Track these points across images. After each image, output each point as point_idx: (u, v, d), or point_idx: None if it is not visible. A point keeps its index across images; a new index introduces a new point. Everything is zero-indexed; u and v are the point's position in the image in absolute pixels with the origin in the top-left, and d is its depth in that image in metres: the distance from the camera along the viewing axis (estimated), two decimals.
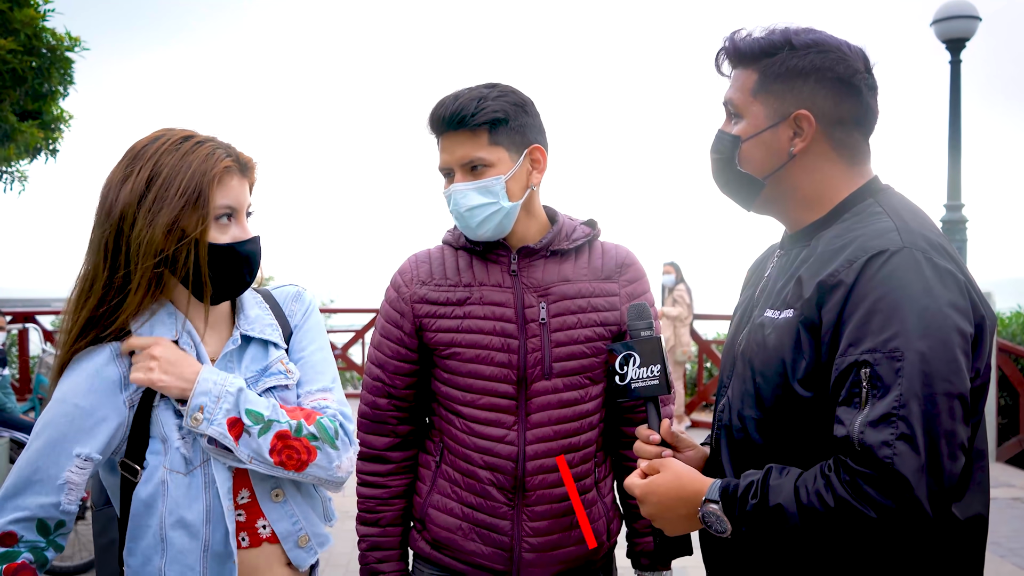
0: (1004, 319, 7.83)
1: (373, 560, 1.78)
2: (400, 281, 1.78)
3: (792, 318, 1.24)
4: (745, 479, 1.23)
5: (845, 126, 1.31)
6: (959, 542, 1.23)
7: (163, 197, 1.36)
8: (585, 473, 1.73)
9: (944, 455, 1.09)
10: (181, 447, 1.38)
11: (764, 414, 1.29)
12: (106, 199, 1.39)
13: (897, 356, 1.11)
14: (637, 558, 1.83)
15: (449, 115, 1.65)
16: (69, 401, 1.36)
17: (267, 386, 1.48)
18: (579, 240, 1.76)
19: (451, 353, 1.70)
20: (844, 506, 1.11)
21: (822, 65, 1.29)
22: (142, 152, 1.40)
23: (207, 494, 1.39)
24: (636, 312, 1.50)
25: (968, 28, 7.73)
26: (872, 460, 1.09)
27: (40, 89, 6.81)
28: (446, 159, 1.69)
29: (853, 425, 1.12)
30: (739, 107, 1.36)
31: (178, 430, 1.39)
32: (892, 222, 1.23)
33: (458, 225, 1.72)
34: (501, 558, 1.69)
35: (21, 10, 6.28)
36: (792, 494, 1.16)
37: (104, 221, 1.38)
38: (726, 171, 1.39)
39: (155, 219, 1.35)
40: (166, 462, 1.38)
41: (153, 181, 1.37)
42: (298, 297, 1.61)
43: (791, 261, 1.34)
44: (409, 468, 1.81)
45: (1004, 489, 5.91)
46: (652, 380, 1.43)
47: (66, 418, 1.35)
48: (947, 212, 7.96)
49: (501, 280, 1.71)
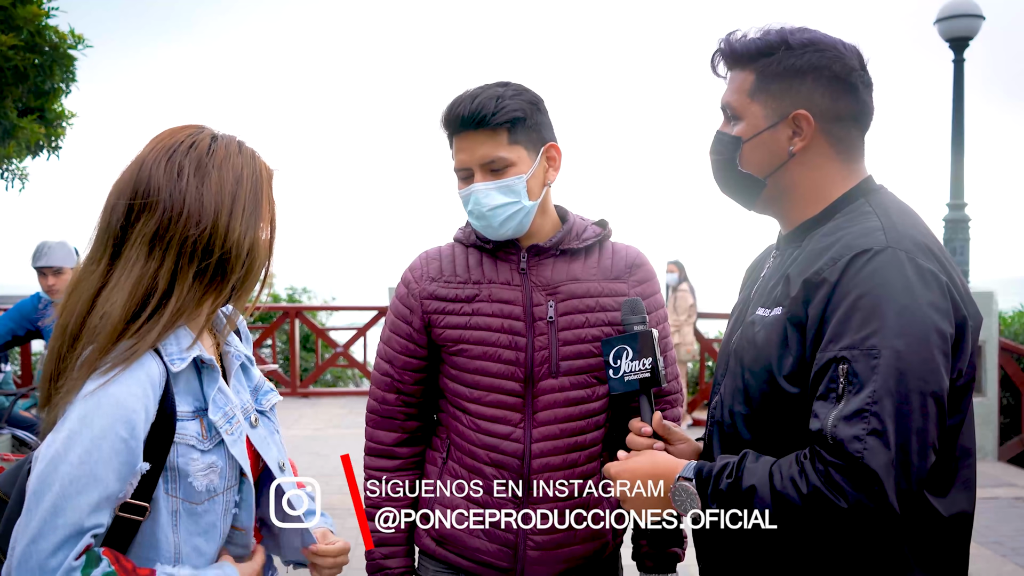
0: (1007, 318, 7.81)
1: (380, 556, 1.79)
2: (410, 277, 1.78)
3: (780, 315, 1.27)
4: (720, 460, 1.26)
5: (843, 123, 1.33)
6: (943, 539, 1.25)
7: (254, 202, 1.31)
8: (591, 472, 1.73)
9: (913, 452, 1.12)
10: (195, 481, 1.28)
11: (752, 410, 1.31)
12: (179, 195, 1.26)
13: (874, 353, 1.14)
14: (642, 560, 1.83)
15: (468, 114, 1.64)
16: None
17: (271, 404, 1.48)
18: (589, 240, 1.77)
19: (459, 350, 1.70)
20: (816, 494, 1.13)
21: (819, 64, 1.31)
22: (212, 150, 1.30)
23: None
24: (629, 307, 1.54)
25: (972, 27, 7.73)
26: (843, 453, 1.12)
27: (42, 86, 6.80)
28: (464, 159, 1.68)
29: (827, 419, 1.14)
30: (737, 109, 1.37)
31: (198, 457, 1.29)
32: (880, 222, 1.25)
33: (476, 225, 1.71)
34: (506, 555, 1.69)
35: (24, 7, 6.27)
36: (766, 478, 1.19)
37: (178, 219, 1.25)
38: (727, 172, 1.41)
39: (253, 224, 1.30)
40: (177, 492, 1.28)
41: (240, 184, 1.30)
42: (243, 324, 1.56)
43: (784, 261, 1.36)
44: (417, 464, 1.81)
45: (1006, 488, 5.91)
46: (644, 373, 1.47)
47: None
48: (950, 211, 7.95)
49: (510, 278, 1.72)
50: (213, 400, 1.31)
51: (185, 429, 1.26)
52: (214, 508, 1.30)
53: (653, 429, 1.46)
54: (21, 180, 7.63)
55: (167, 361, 1.26)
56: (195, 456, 1.27)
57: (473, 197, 1.67)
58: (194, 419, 1.28)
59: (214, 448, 1.30)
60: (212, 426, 1.30)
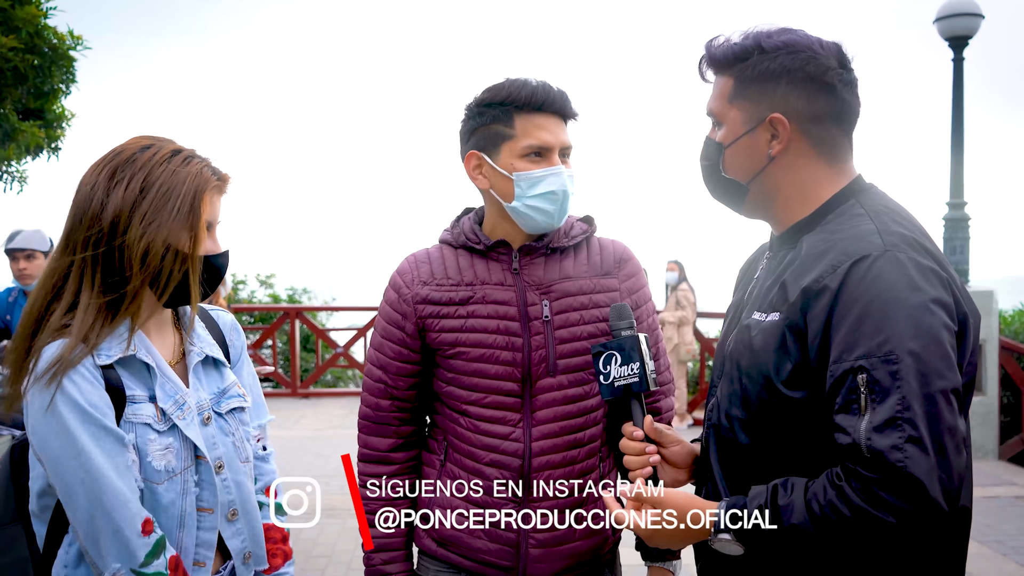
0: (1007, 317, 7.81)
1: (379, 561, 1.78)
2: (400, 282, 1.76)
3: (778, 321, 1.26)
4: (752, 503, 1.22)
5: (821, 123, 1.33)
6: (946, 533, 1.24)
7: (159, 209, 1.39)
8: (590, 468, 1.73)
9: (951, 451, 1.11)
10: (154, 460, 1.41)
11: (749, 414, 1.30)
12: (90, 199, 1.40)
13: (892, 359, 1.12)
14: (647, 549, 1.83)
15: (560, 99, 1.67)
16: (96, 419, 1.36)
17: (230, 407, 1.56)
18: (578, 237, 1.77)
19: (455, 353, 1.70)
20: (861, 514, 1.11)
21: (792, 66, 1.31)
22: (132, 160, 1.41)
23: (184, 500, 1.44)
24: (617, 313, 1.53)
25: (971, 26, 7.71)
26: (884, 465, 1.10)
27: (42, 88, 6.79)
28: (549, 138, 1.66)
29: (858, 432, 1.12)
30: (719, 114, 1.38)
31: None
32: (873, 224, 1.25)
33: (540, 211, 1.67)
34: (508, 554, 1.69)
35: (23, 8, 6.26)
36: (804, 510, 1.16)
37: (93, 223, 1.39)
38: (713, 177, 1.42)
39: (151, 231, 1.38)
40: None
41: (147, 191, 1.39)
42: (236, 327, 1.70)
43: (778, 264, 1.35)
44: (412, 468, 1.80)
45: (1007, 487, 5.90)
46: (633, 378, 1.46)
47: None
48: (950, 210, 7.94)
49: (503, 279, 1.71)
50: (160, 387, 1.45)
51: (141, 410, 1.41)
52: (173, 487, 1.43)
53: (645, 433, 1.45)
54: (20, 182, 7.62)
55: (95, 355, 1.39)
56: (152, 436, 1.41)
57: (561, 179, 1.66)
58: (149, 403, 1.43)
59: (169, 431, 1.43)
60: (164, 411, 1.43)
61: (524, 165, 1.66)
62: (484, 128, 1.68)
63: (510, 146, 1.66)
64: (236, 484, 1.53)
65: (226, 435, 1.54)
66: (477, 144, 1.70)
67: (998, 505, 5.39)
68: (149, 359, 1.45)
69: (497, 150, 1.68)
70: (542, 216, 1.67)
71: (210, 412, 1.52)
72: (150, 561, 1.34)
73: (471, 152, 1.72)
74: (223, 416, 1.55)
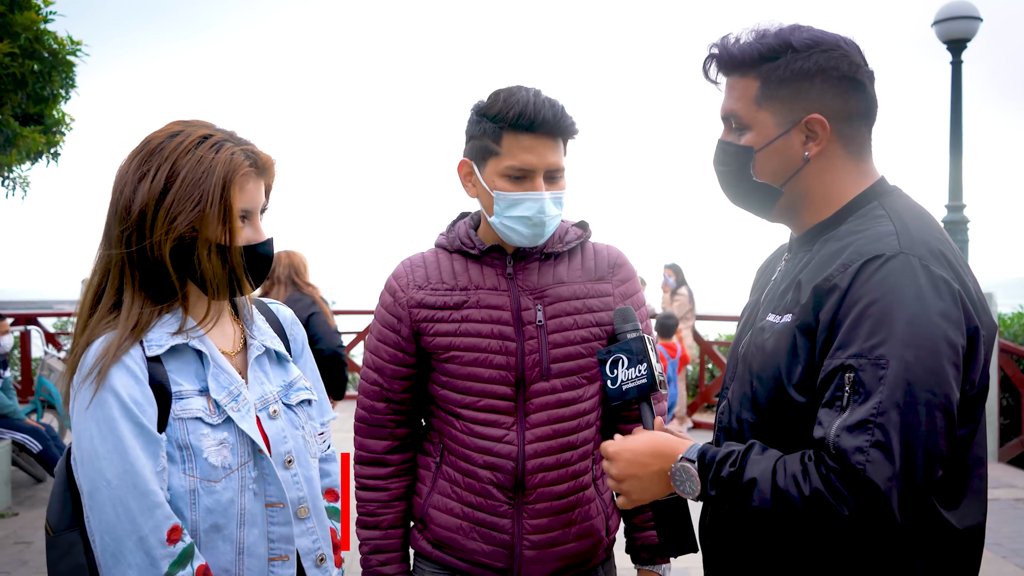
0: (1006, 319, 7.81)
1: (376, 563, 1.79)
2: (396, 286, 1.77)
3: (790, 323, 1.24)
4: (726, 447, 1.24)
5: (853, 122, 1.30)
6: (956, 552, 1.22)
7: (182, 201, 1.32)
8: (583, 470, 1.74)
9: (920, 465, 1.09)
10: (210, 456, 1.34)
11: (759, 418, 1.29)
12: (121, 194, 1.35)
13: (882, 363, 1.11)
14: (637, 552, 1.84)
15: (552, 119, 1.61)
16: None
17: (299, 399, 1.52)
18: (572, 242, 1.77)
19: (449, 356, 1.70)
20: (818, 497, 1.11)
21: (826, 65, 1.26)
22: (159, 149, 1.35)
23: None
24: (621, 316, 1.54)
25: (969, 29, 7.73)
26: (845, 464, 1.10)
27: (41, 93, 6.79)
28: (532, 160, 1.62)
29: (830, 428, 1.12)
30: (744, 117, 1.32)
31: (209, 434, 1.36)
32: (893, 226, 1.22)
33: (519, 231, 1.65)
34: (502, 556, 1.70)
35: (22, 13, 6.26)
36: (769, 472, 1.16)
37: (124, 218, 1.35)
38: (740, 183, 1.36)
39: (178, 225, 1.32)
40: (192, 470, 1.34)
41: (171, 183, 1.33)
42: (295, 321, 1.65)
43: (795, 266, 1.33)
44: (408, 470, 1.81)
45: (1006, 490, 5.90)
46: (640, 379, 1.46)
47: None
48: (948, 213, 7.95)
49: (497, 283, 1.72)
50: (213, 378, 1.38)
51: (190, 404, 1.34)
52: (231, 484, 1.35)
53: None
54: (23, 188, 7.63)
55: (145, 346, 1.35)
56: (205, 431, 1.34)
57: (539, 205, 1.63)
58: (199, 396, 1.36)
59: (223, 424, 1.36)
60: (217, 403, 1.36)
61: (504, 185, 1.65)
62: (477, 139, 1.68)
63: (495, 163, 1.65)
64: (307, 480, 1.46)
65: (296, 428, 1.48)
66: (469, 153, 1.71)
67: (998, 508, 5.38)
68: (202, 347, 1.38)
69: (484, 163, 1.68)
70: (518, 236, 1.67)
71: (278, 405, 1.46)
72: (175, 572, 1.26)
73: (464, 160, 1.72)
74: (292, 409, 1.49)
